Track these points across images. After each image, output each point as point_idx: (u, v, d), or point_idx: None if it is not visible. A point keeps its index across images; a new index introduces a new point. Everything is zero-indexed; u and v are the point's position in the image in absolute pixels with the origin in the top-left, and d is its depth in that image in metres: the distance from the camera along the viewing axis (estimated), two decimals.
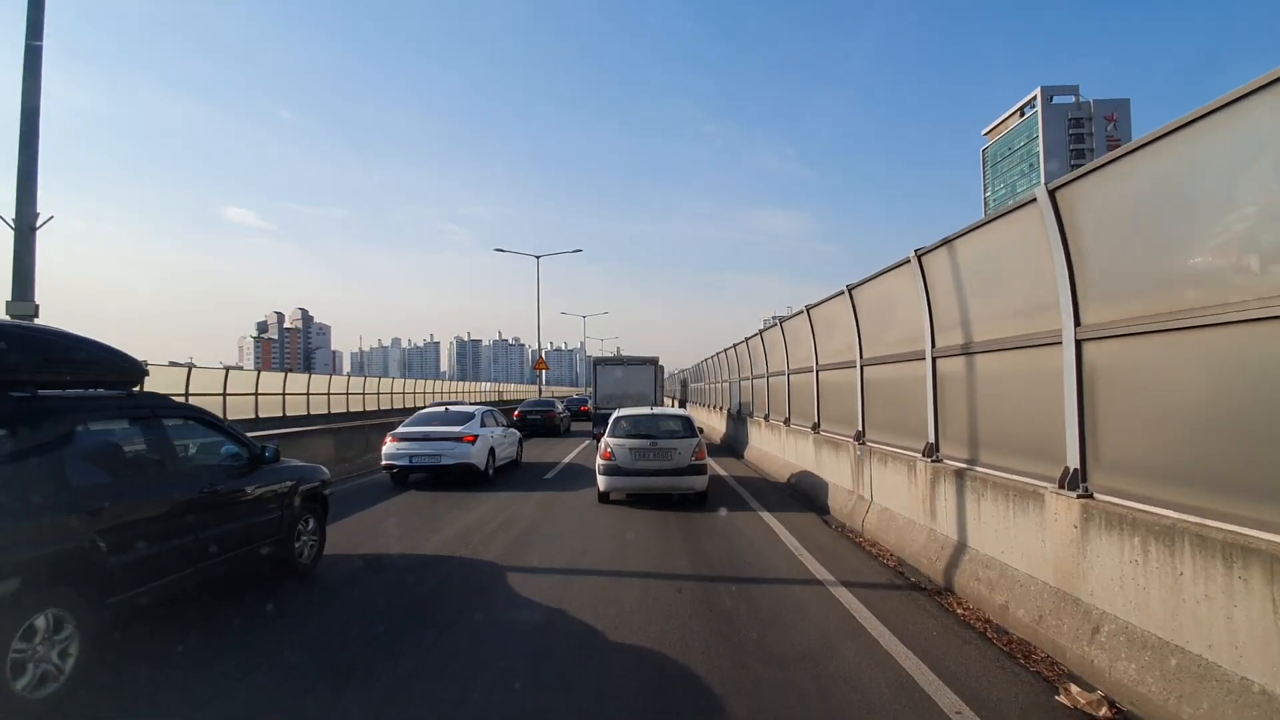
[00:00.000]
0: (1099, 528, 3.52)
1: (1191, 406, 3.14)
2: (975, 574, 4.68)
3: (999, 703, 3.25)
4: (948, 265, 5.57)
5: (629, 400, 16.68)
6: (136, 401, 4.33)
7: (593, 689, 3.44)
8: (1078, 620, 3.59)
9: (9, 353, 3.58)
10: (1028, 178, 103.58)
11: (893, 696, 3.33)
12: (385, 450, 10.78)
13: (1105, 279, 3.72)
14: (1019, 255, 4.54)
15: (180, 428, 4.58)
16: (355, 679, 3.53)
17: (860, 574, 5.48)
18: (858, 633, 4.19)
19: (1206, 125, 2.96)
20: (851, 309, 7.78)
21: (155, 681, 3.58)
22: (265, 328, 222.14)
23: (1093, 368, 3.77)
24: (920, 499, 5.80)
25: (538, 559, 6.11)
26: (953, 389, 5.52)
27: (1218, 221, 3.05)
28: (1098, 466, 3.73)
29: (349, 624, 4.44)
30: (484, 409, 12.46)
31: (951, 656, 3.79)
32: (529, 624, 4.41)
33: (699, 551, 6.31)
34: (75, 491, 3.51)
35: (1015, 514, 4.34)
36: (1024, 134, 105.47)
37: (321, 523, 5.91)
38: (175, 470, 4.30)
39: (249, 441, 5.21)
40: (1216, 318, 2.92)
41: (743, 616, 4.50)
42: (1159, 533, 3.12)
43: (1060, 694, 3.28)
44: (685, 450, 8.61)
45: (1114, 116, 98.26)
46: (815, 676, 3.56)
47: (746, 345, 15.81)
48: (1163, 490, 3.27)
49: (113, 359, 4.33)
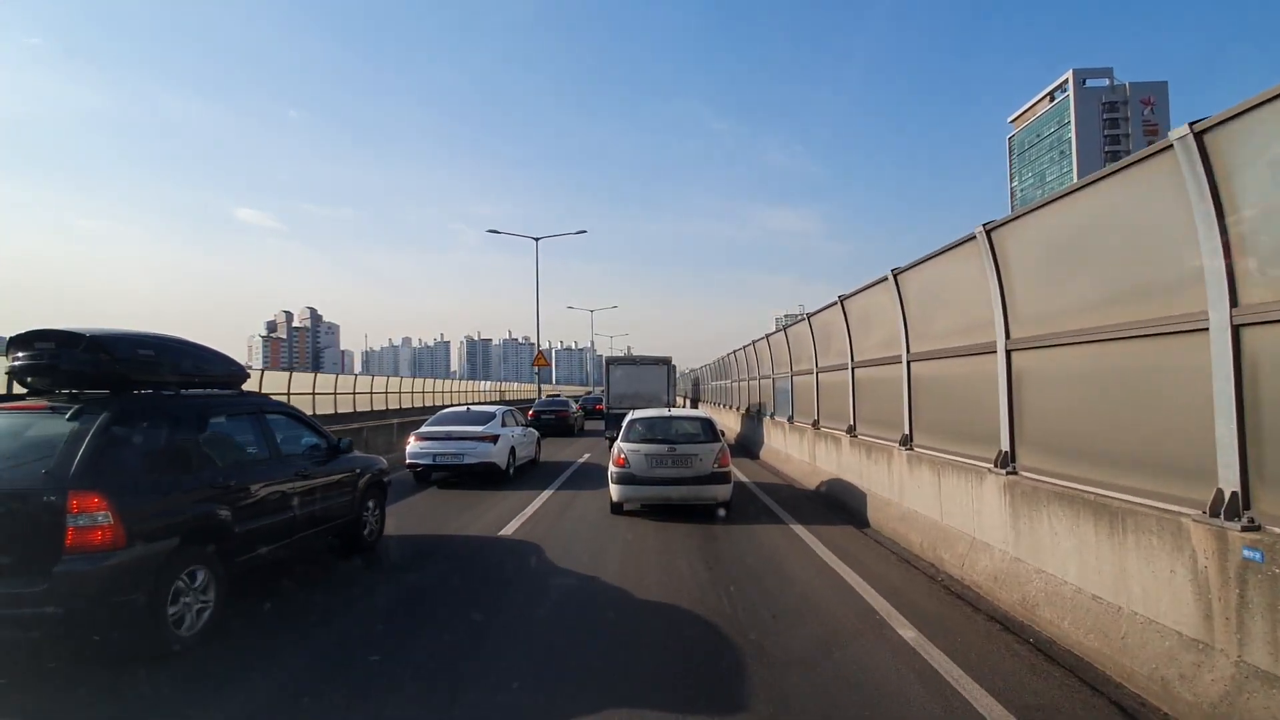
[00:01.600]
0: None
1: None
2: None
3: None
4: (1025, 239, 4.81)
5: (641, 400, 16.57)
6: (246, 399, 5.37)
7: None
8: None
9: (158, 360, 4.54)
10: (1058, 165, 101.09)
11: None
12: (409, 449, 11.13)
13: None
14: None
15: (277, 421, 5.44)
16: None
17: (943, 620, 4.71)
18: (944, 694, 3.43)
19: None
20: (897, 298, 7.00)
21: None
22: (274, 327, 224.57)
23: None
24: (1004, 523, 5.03)
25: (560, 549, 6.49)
26: (1041, 387, 4.74)
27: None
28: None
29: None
30: (504, 409, 12.75)
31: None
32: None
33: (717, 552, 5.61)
34: (211, 472, 4.41)
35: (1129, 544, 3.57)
36: (1054, 120, 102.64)
37: (382, 506, 6.83)
38: (277, 457, 5.19)
39: (328, 434, 6.09)
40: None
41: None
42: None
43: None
44: (707, 456, 7.96)
45: (1151, 100, 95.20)
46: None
47: (767, 342, 15.19)
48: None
49: (225, 364, 5.30)
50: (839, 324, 9.24)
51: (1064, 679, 3.49)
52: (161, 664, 3.72)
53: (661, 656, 3.91)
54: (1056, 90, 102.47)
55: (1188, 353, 3.29)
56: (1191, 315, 3.26)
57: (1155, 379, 3.58)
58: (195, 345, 5.10)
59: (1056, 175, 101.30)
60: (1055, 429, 4.49)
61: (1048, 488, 4.32)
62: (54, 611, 3.35)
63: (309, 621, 4.53)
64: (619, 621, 4.50)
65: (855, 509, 7.98)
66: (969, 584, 5.03)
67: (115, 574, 3.54)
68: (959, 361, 5.91)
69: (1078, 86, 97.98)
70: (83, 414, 3.86)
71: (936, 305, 6.51)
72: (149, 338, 4.65)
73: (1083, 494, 3.98)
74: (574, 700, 3.33)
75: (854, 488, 8.37)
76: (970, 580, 5.04)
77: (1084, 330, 4.09)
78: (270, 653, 3.98)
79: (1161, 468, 3.51)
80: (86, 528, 3.49)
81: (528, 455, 13.03)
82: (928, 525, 6.12)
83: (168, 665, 3.73)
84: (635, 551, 6.43)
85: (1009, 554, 4.72)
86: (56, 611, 3.35)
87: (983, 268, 5.16)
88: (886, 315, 7.43)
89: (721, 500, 7.96)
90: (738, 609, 4.66)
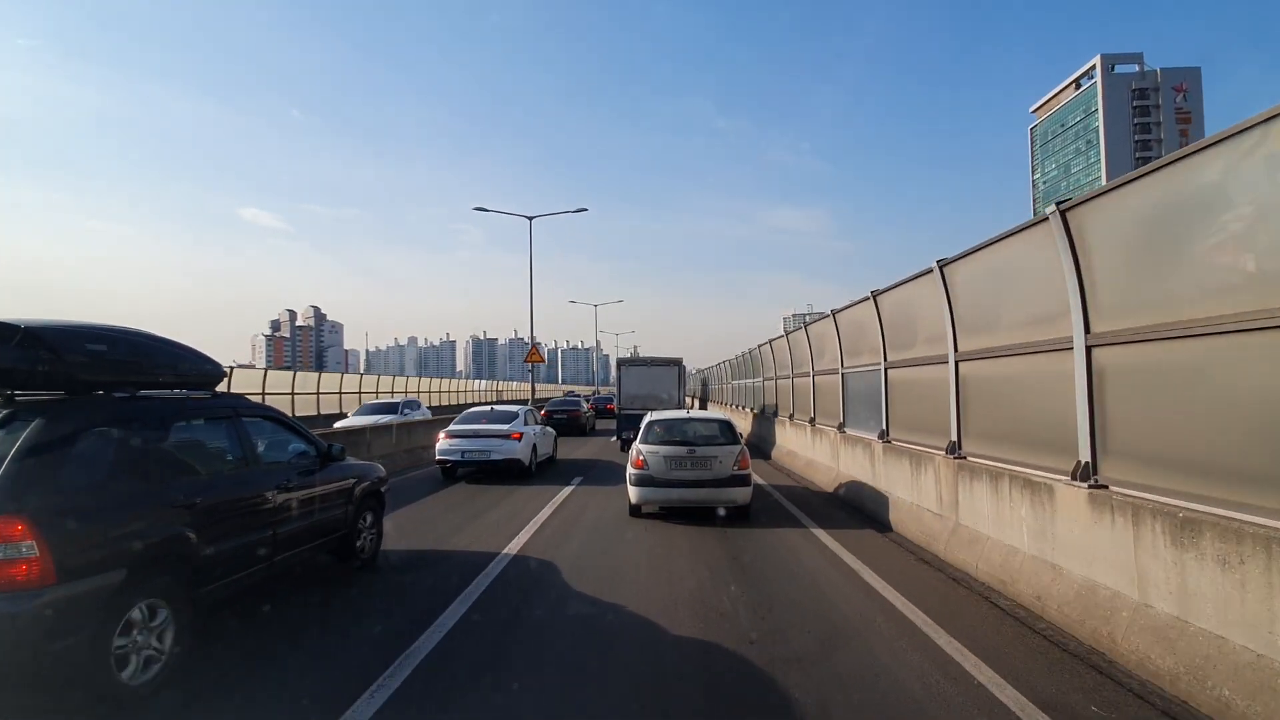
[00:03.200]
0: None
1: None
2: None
3: None
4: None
5: (653, 401, 17.08)
6: (221, 402, 4.76)
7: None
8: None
9: (110, 355, 3.89)
10: (1084, 156, 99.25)
11: None
12: (439, 446, 11.89)
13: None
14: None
15: (258, 426, 4.97)
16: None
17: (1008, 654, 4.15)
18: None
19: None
20: (944, 291, 6.43)
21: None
22: (278, 326, 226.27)
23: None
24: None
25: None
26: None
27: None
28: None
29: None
30: (525, 408, 13.61)
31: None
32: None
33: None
34: (171, 487, 3.87)
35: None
36: (1080, 108, 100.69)
37: (379, 518, 6.35)
38: (256, 467, 4.69)
39: (317, 440, 5.60)
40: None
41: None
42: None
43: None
44: (727, 459, 7.89)
45: (1183, 87, 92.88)
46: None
47: (786, 341, 14.74)
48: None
49: (197, 361, 4.72)
50: (871, 321, 8.68)
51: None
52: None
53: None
54: (1083, 77, 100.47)
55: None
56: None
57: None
58: (160, 340, 4.53)
59: (1082, 165, 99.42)
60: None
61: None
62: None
63: (285, 669, 3.89)
64: (641, 655, 3.99)
65: (882, 515, 7.51)
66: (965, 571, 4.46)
67: (44, 616, 2.98)
68: (1007, 361, 5.37)
69: (1105, 73, 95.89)
70: (10, 422, 3.32)
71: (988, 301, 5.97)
72: (102, 330, 4.02)
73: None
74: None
75: (881, 493, 7.84)
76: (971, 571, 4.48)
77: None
78: (242, 706, 3.45)
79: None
80: (6, 561, 2.96)
81: (546, 453, 13.72)
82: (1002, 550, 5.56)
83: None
84: (659, 562, 5.93)
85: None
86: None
87: (1044, 254, 4.61)
88: (922, 312, 6.88)
89: (741, 503, 7.92)
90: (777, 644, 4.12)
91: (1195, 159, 3.50)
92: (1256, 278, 3.23)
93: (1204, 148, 3.42)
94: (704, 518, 7.90)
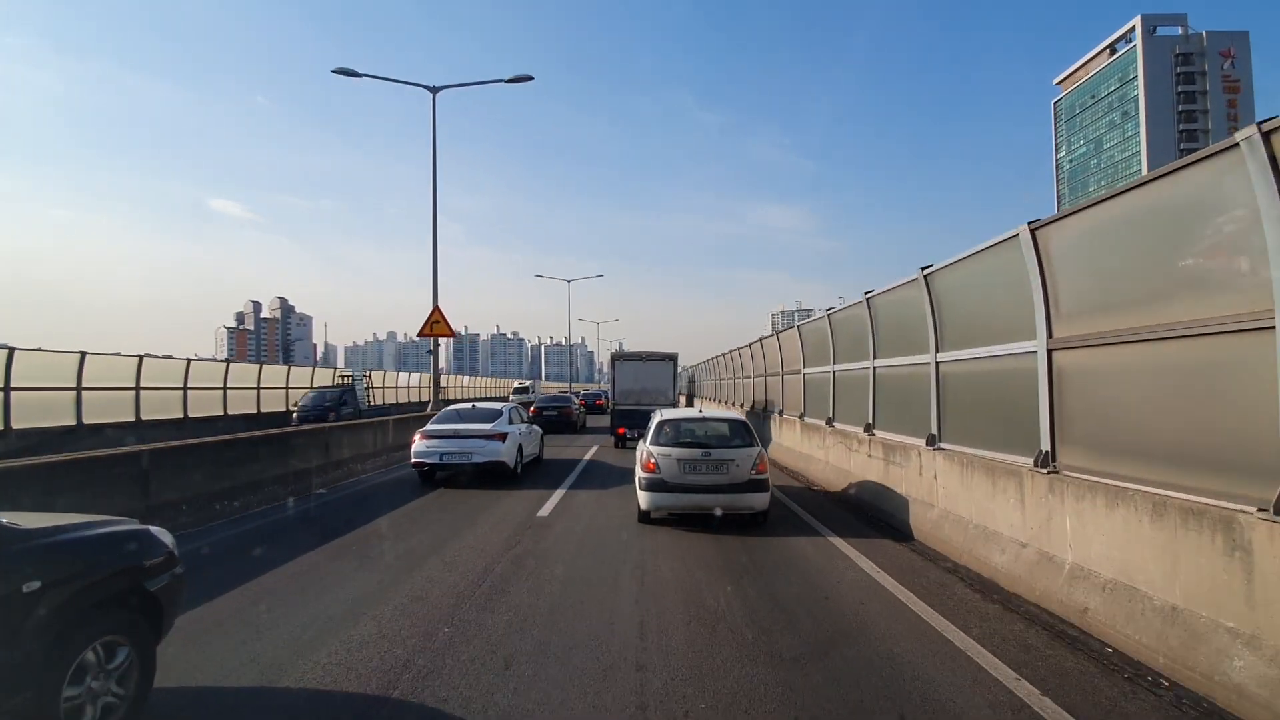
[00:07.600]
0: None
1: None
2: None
3: None
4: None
5: (647, 396, 17.77)
6: None
7: None
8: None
9: None
10: (1120, 129, 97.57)
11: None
12: (414, 448, 11.56)
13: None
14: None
15: None
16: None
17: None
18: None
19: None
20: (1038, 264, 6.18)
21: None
22: (242, 319, 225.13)
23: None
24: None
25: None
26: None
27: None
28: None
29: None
30: (510, 406, 13.34)
31: None
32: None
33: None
34: None
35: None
36: (1115, 76, 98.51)
37: (145, 651, 3.23)
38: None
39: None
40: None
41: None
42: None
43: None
44: (744, 462, 7.82)
45: (1230, 52, 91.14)
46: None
47: (787, 336, 14.93)
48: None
49: None
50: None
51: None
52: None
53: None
54: (1119, 41, 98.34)
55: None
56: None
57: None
58: None
59: (1118, 139, 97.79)
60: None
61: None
62: None
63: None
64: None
65: (900, 519, 7.54)
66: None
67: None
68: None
69: (1146, 36, 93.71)
70: None
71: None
72: None
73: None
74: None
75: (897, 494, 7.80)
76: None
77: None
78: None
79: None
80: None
81: (533, 453, 13.56)
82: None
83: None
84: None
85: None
86: None
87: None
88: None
89: (759, 509, 7.91)
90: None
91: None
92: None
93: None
94: (724, 526, 7.80)
